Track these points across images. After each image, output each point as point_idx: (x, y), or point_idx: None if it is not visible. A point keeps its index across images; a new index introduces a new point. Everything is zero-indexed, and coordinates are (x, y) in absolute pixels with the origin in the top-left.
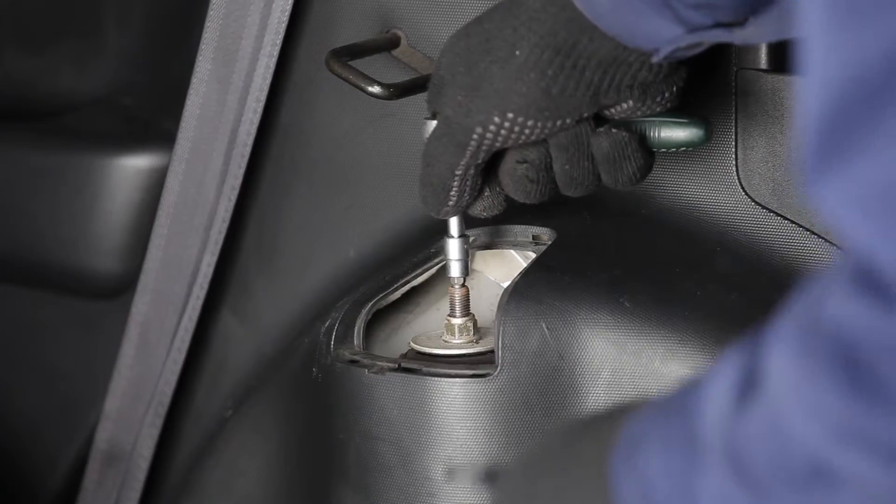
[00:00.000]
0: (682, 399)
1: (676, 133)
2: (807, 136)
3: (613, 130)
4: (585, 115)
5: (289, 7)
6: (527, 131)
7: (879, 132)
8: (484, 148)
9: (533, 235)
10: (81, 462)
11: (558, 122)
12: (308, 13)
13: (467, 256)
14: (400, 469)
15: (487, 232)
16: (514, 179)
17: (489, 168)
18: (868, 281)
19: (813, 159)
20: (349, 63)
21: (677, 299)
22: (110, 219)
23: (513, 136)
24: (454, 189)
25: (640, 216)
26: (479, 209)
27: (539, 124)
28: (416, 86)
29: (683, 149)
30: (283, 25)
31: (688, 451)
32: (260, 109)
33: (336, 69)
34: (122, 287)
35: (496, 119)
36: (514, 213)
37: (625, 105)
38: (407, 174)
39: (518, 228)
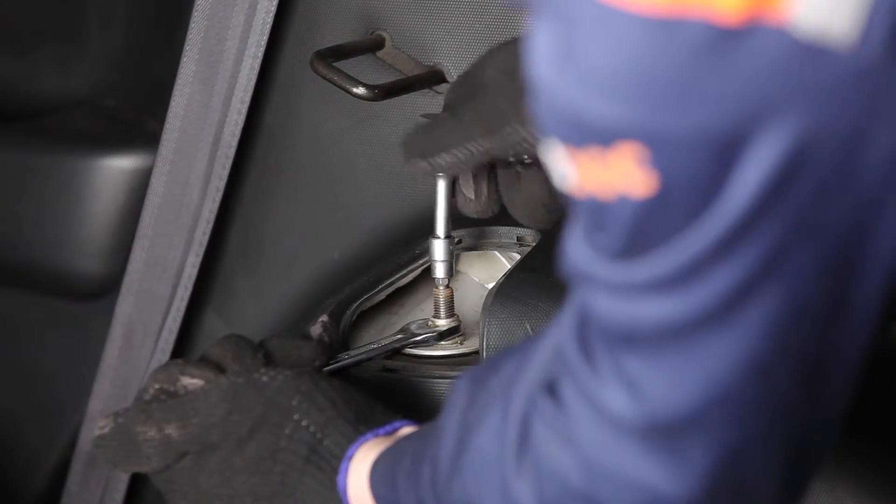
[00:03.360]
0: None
1: None
2: None
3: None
4: None
5: (273, 8)
6: None
7: None
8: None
9: (517, 237)
10: (65, 463)
11: None
12: (293, 14)
13: (452, 258)
14: None
15: (472, 233)
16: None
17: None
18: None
19: None
20: (334, 64)
21: None
22: (94, 220)
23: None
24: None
25: None
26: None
27: None
28: (401, 87)
29: None
30: (268, 27)
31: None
32: (244, 110)
33: (321, 70)
34: (106, 288)
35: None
36: (499, 214)
37: None
38: (391, 175)
39: (502, 230)
